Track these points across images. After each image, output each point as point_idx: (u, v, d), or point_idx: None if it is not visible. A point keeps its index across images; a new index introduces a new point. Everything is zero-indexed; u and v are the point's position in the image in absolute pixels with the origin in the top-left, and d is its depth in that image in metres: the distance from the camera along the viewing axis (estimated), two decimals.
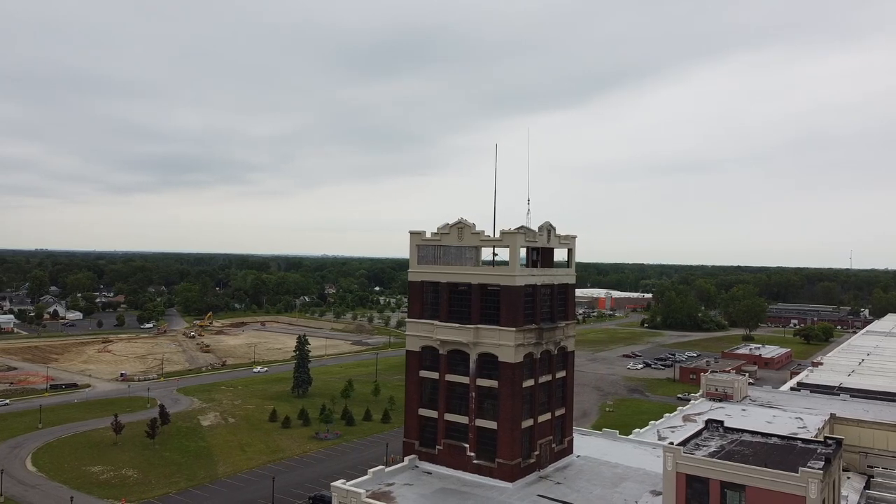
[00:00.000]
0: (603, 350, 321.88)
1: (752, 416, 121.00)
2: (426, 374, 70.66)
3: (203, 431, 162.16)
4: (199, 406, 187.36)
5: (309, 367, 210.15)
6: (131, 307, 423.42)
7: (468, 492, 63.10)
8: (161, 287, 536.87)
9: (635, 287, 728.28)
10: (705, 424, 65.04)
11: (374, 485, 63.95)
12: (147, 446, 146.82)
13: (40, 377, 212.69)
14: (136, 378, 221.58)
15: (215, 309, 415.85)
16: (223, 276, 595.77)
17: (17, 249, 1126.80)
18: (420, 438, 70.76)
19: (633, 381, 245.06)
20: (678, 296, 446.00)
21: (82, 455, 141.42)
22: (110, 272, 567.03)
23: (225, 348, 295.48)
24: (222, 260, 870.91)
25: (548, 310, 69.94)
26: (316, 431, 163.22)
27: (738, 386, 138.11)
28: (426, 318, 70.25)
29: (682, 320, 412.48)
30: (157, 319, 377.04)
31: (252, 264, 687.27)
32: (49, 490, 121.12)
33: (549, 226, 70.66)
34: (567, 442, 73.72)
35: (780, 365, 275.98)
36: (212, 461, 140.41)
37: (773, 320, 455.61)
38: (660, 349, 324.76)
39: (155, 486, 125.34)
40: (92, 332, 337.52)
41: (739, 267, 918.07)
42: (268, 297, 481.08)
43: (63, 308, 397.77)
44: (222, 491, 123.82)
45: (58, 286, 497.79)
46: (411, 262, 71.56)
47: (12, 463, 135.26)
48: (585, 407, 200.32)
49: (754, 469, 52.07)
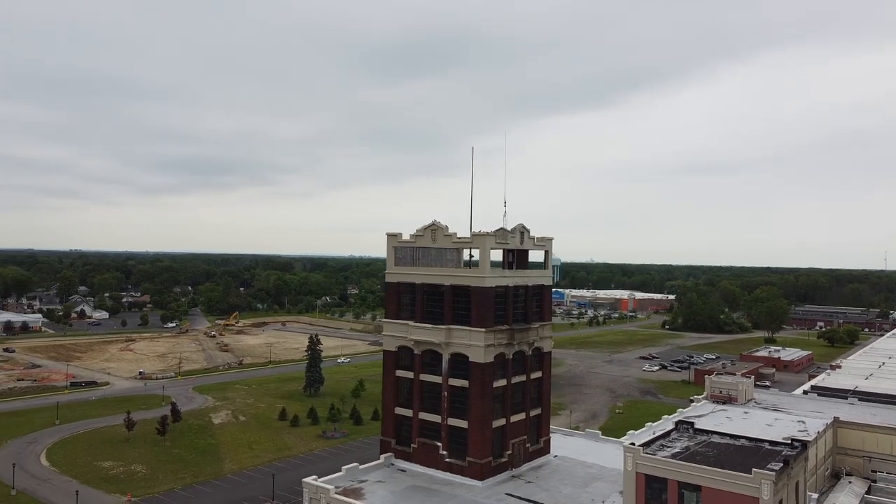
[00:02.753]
0: (620, 352, 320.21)
1: (752, 418, 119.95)
2: (402, 374, 72.03)
3: (213, 429, 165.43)
4: (212, 404, 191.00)
5: (322, 366, 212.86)
6: (156, 307, 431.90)
7: (438, 489, 64.28)
8: (187, 287, 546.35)
9: (660, 288, 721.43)
10: (675, 425, 65.40)
11: (346, 481, 65.45)
12: (157, 443, 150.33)
13: (62, 375, 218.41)
14: (154, 376, 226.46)
15: (237, 309, 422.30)
16: (248, 276, 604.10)
17: (52, 250, 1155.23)
18: (396, 437, 72.14)
19: (646, 383, 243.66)
20: (700, 297, 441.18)
21: (95, 451, 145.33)
22: (138, 272, 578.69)
23: (244, 348, 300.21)
24: (248, 261, 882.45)
25: (521, 311, 70.80)
26: (323, 430, 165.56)
27: (742, 388, 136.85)
28: (402, 319, 71.60)
29: (703, 322, 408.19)
30: (180, 319, 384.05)
31: (277, 265, 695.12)
32: (60, 484, 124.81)
33: (523, 227, 71.50)
34: (543, 442, 74.46)
35: (800, 368, 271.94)
36: (218, 458, 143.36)
37: (799, 322, 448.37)
38: (678, 351, 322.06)
39: (161, 481, 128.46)
40: (116, 331, 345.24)
41: (769, 268, 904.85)
42: (289, 298, 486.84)
43: (90, 307, 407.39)
44: (226, 487, 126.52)
45: (87, 286, 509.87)
46: (388, 263, 72.99)
47: (27, 458, 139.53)
48: (595, 408, 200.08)
49: (709, 470, 52.44)
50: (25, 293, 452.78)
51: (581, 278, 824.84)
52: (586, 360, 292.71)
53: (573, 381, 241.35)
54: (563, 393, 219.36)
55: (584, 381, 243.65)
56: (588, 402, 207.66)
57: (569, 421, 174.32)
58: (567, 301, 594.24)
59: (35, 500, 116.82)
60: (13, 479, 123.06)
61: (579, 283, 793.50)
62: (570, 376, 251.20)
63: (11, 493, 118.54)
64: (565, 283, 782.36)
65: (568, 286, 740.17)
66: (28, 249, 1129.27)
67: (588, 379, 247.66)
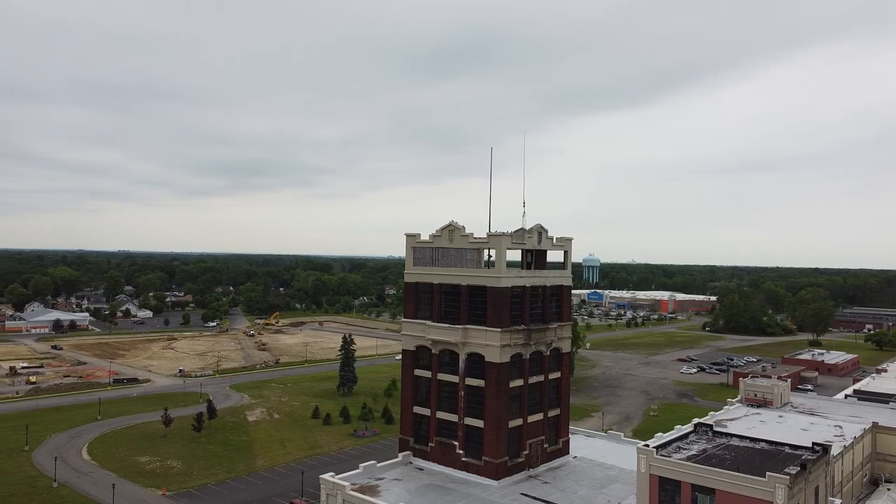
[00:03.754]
0: (657, 354, 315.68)
1: (787, 422, 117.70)
2: (420, 373, 72.58)
3: (248, 426, 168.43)
4: (247, 402, 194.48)
5: (355, 366, 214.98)
6: (198, 306, 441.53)
7: (453, 488, 64.61)
8: (228, 287, 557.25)
9: (702, 290, 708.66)
10: (694, 427, 64.46)
11: (363, 479, 66.26)
12: (193, 439, 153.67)
13: (105, 372, 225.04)
14: (193, 374, 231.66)
15: (276, 309, 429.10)
16: (287, 276, 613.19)
17: (101, 251, 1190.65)
18: (414, 435, 72.71)
19: (683, 385, 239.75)
20: (741, 298, 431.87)
21: (133, 446, 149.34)
22: (181, 272, 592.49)
23: (281, 347, 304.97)
24: (289, 261, 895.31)
25: (538, 311, 70.65)
26: (355, 429, 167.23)
27: (777, 392, 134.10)
28: (420, 319, 72.13)
29: (745, 324, 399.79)
30: (221, 318, 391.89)
31: (316, 265, 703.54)
32: (99, 478, 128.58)
33: (541, 228, 71.33)
34: (562, 443, 74.17)
35: (845, 371, 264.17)
36: (252, 455, 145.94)
37: (846, 325, 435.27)
38: (717, 353, 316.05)
39: (195, 476, 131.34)
40: (158, 329, 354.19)
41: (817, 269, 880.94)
42: (327, 298, 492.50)
43: (135, 307, 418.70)
44: (257, 483, 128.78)
45: (132, 286, 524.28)
46: (407, 263, 73.62)
47: (70, 451, 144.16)
48: (629, 411, 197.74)
49: (723, 473, 51.65)
50: (74, 292, 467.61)
51: (621, 279, 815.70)
52: (623, 361, 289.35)
53: (608, 383, 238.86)
54: (598, 395, 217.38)
55: (620, 382, 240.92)
56: (622, 405, 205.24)
57: (601, 423, 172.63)
58: (606, 302, 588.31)
59: (75, 493, 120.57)
60: (55, 472, 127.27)
61: (619, 284, 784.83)
62: (605, 378, 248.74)
63: (53, 485, 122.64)
64: (605, 284, 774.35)
65: (607, 287, 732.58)
66: (79, 250, 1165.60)
67: (623, 381, 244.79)
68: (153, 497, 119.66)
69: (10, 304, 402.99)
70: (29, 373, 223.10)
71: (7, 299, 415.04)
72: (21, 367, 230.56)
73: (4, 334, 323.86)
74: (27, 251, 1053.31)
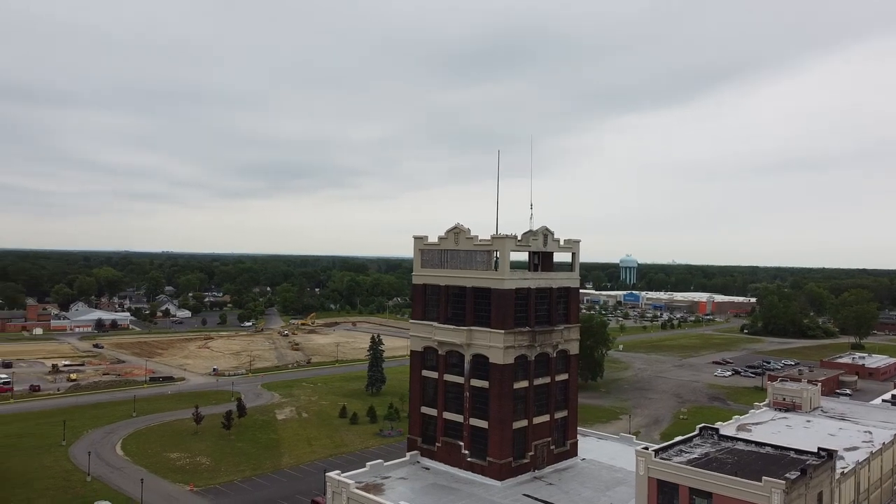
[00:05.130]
0: (692, 356, 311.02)
1: (814, 428, 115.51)
2: (427, 374, 73.46)
3: (276, 425, 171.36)
4: (277, 401, 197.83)
5: (385, 366, 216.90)
6: (235, 306, 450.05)
7: (457, 488, 65.31)
8: (265, 288, 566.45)
9: (743, 291, 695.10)
10: (699, 431, 64.00)
11: (370, 477, 67.40)
12: (223, 436, 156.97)
13: (143, 370, 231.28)
14: (226, 373, 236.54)
15: (311, 309, 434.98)
16: (323, 277, 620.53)
17: (145, 251, 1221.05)
18: (422, 435, 73.58)
19: (716, 388, 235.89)
20: (781, 300, 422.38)
21: (165, 442, 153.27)
22: (220, 273, 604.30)
23: (313, 346, 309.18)
24: (326, 262, 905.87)
25: (544, 313, 70.88)
26: (381, 429, 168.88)
27: (807, 396, 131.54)
28: (427, 320, 73.01)
29: (784, 326, 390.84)
30: (256, 318, 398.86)
31: (352, 266, 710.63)
32: (130, 473, 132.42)
33: (546, 230, 71.57)
34: (570, 444, 74.24)
35: (886, 376, 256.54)
36: (278, 452, 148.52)
37: (892, 328, 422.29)
38: (754, 356, 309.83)
39: (223, 473, 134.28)
40: (196, 329, 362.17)
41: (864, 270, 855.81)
42: (361, 299, 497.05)
43: (174, 307, 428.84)
44: (282, 481, 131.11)
45: (172, 286, 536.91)
46: (415, 265, 74.60)
47: (104, 447, 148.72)
48: (659, 413, 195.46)
49: (720, 477, 51.33)
50: (117, 293, 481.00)
51: (659, 280, 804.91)
52: (655, 364, 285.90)
53: (639, 386, 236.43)
54: (627, 397, 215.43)
55: (651, 385, 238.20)
56: (652, 407, 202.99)
57: (628, 426, 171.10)
58: (642, 303, 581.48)
59: (107, 487, 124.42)
60: (89, 466, 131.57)
61: (657, 285, 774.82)
62: (636, 380, 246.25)
63: (87, 479, 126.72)
64: (642, 286, 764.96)
65: (645, 288, 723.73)
66: (124, 251, 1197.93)
67: (655, 383, 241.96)
68: (181, 493, 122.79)
69: (56, 304, 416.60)
70: (70, 370, 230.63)
71: (53, 299, 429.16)
72: (63, 365, 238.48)
73: (50, 333, 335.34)
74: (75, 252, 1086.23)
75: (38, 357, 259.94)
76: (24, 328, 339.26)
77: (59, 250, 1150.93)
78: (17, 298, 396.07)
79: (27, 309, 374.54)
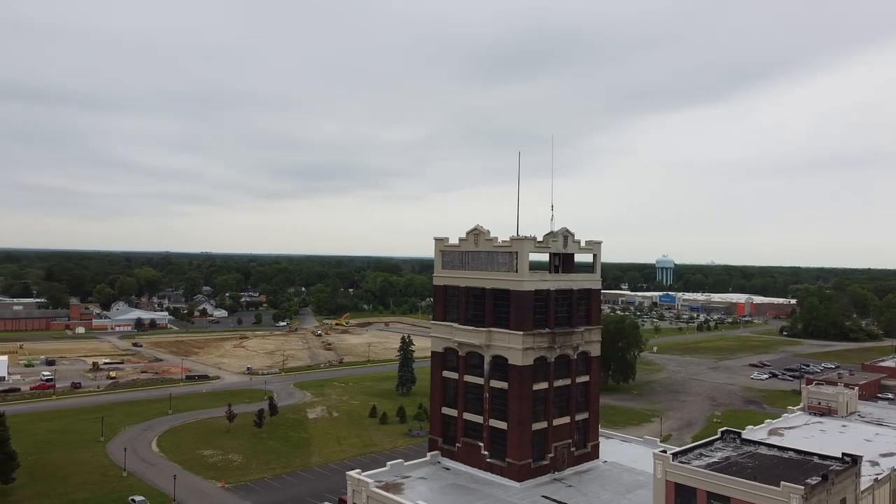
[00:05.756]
0: (728, 358, 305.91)
1: (849, 432, 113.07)
2: (448, 375, 73.83)
3: (307, 423, 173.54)
4: (309, 400, 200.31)
5: (414, 366, 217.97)
6: (270, 306, 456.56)
7: (476, 488, 65.56)
8: (300, 288, 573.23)
9: (783, 292, 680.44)
10: (721, 435, 63.16)
11: (390, 476, 68.04)
12: (254, 434, 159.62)
13: (179, 368, 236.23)
14: (260, 372, 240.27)
15: (344, 309, 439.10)
16: (357, 277, 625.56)
17: (185, 252, 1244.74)
18: (443, 436, 73.99)
19: (752, 391, 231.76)
20: (822, 301, 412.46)
21: (198, 439, 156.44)
22: (256, 273, 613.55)
23: (346, 346, 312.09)
24: (360, 262, 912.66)
25: (564, 314, 70.69)
26: (409, 428, 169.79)
27: (843, 400, 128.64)
28: (448, 321, 73.40)
29: (825, 328, 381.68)
30: (291, 318, 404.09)
31: (386, 267, 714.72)
32: (164, 469, 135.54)
33: (567, 231, 71.39)
34: (591, 447, 73.90)
35: None
36: (308, 451, 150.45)
37: None
38: (793, 359, 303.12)
39: (254, 470, 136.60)
40: (232, 329, 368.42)
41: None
42: (394, 299, 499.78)
43: (211, 306, 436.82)
44: (310, 479, 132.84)
45: (210, 286, 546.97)
46: (436, 267, 75.09)
47: (140, 443, 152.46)
48: (692, 417, 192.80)
49: (738, 481, 50.67)
50: (157, 292, 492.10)
51: (697, 281, 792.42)
52: (690, 366, 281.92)
53: (672, 388, 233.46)
54: (659, 400, 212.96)
55: (685, 388, 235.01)
56: (684, 410, 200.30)
57: (659, 429, 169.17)
58: (678, 305, 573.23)
59: (141, 482, 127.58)
60: (125, 462, 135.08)
61: (694, 286, 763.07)
62: (669, 383, 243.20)
63: (123, 474, 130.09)
64: (679, 286, 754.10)
65: (681, 289, 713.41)
66: (164, 252, 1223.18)
67: (689, 386, 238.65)
68: (213, 489, 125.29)
69: (98, 304, 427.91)
70: (110, 368, 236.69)
71: (95, 299, 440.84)
72: (103, 363, 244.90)
73: (91, 332, 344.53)
74: (117, 253, 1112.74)
75: (80, 355, 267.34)
76: (68, 327, 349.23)
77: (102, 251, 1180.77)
78: (62, 298, 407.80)
79: (70, 308, 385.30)
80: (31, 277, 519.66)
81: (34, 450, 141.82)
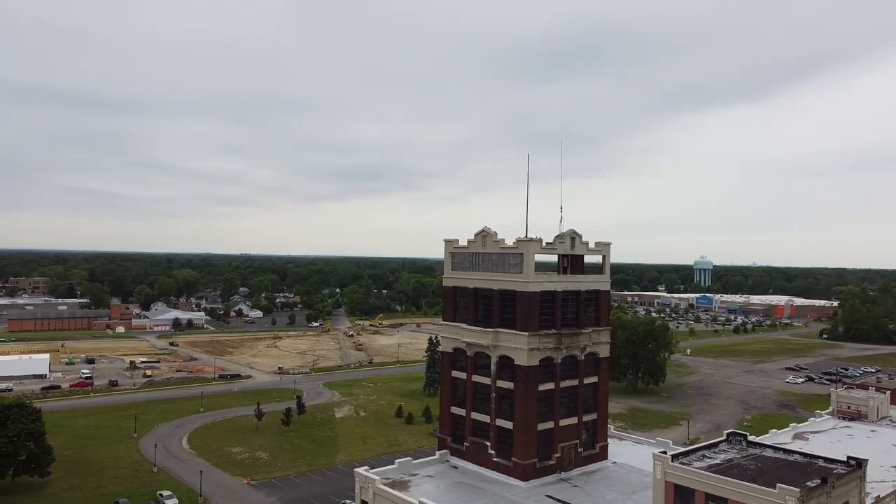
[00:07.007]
0: (764, 361, 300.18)
1: (878, 438, 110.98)
2: (456, 375, 74.70)
3: (334, 422, 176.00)
4: (337, 399, 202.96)
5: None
6: (305, 307, 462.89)
7: (482, 487, 66.29)
8: (335, 289, 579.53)
9: (827, 294, 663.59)
10: (726, 437, 62.79)
11: (398, 474, 69.20)
12: (282, 433, 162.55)
13: (213, 368, 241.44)
14: (291, 372, 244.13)
15: (377, 310, 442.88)
16: (391, 279, 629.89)
17: (224, 254, 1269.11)
18: (452, 434, 74.88)
19: (786, 395, 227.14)
20: (864, 303, 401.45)
21: (227, 437, 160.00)
22: (292, 274, 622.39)
23: (377, 347, 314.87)
24: (395, 263, 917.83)
25: (572, 315, 70.96)
26: (434, 429, 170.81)
27: (874, 405, 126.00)
28: (457, 322, 74.28)
29: (867, 332, 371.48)
30: (324, 319, 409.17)
31: (421, 268, 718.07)
32: (194, 465, 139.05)
33: (574, 233, 71.67)
34: (600, 447, 73.99)
35: None
36: (334, 450, 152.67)
37: None
38: (831, 363, 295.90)
39: (279, 468, 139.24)
40: (266, 329, 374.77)
41: None
42: (427, 300, 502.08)
43: (247, 307, 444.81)
44: (334, 477, 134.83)
45: (246, 287, 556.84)
46: (445, 268, 76.01)
47: (171, 440, 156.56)
48: (722, 420, 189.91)
49: (735, 483, 50.46)
50: (194, 293, 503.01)
51: (735, 283, 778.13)
52: (724, 369, 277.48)
53: (704, 391, 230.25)
54: (690, 403, 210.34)
55: (717, 391, 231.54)
56: (715, 414, 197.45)
57: (686, 433, 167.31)
58: (715, 306, 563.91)
59: (171, 478, 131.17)
60: (155, 458, 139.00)
61: (733, 287, 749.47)
62: (701, 386, 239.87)
63: (153, 469, 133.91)
64: (717, 288, 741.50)
65: (720, 291, 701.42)
66: (205, 253, 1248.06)
67: (721, 389, 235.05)
68: (238, 485, 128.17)
69: (138, 304, 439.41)
70: (146, 367, 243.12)
71: (136, 299, 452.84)
72: (140, 362, 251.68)
73: (131, 331, 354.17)
74: (159, 254, 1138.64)
75: (119, 354, 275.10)
76: (108, 326, 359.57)
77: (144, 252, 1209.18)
78: (103, 298, 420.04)
79: (111, 308, 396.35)
80: (76, 278, 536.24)
81: (71, 444, 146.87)
